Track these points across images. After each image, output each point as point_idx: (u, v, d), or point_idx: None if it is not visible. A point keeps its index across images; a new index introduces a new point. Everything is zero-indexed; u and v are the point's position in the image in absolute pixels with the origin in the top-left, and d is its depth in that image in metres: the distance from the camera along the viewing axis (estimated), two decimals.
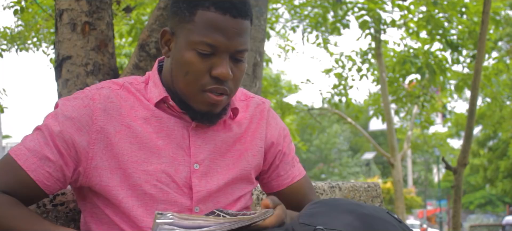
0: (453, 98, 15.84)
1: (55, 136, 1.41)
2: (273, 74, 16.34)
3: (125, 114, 1.47)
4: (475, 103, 6.01)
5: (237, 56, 1.44)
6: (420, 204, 35.02)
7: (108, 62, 3.48)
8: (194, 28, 1.41)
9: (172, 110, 1.50)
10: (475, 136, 27.35)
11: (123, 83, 1.52)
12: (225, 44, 1.41)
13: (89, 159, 1.43)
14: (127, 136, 1.45)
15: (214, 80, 1.43)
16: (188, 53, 1.42)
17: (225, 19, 1.40)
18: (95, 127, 1.44)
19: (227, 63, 1.42)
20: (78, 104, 1.45)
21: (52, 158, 1.41)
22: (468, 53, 9.21)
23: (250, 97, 1.67)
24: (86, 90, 1.49)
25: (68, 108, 1.45)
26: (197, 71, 1.42)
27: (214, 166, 1.52)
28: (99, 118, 1.44)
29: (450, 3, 8.16)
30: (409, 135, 14.29)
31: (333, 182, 2.26)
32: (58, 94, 3.44)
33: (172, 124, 1.49)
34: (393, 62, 10.33)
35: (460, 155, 6.12)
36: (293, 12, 10.82)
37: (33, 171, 1.39)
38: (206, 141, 1.52)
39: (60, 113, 1.44)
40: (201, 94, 1.44)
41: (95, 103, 1.45)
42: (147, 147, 1.46)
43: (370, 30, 9.10)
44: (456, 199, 6.14)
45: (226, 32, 1.40)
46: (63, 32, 3.42)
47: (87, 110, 1.44)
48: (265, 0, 4.12)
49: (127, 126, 1.46)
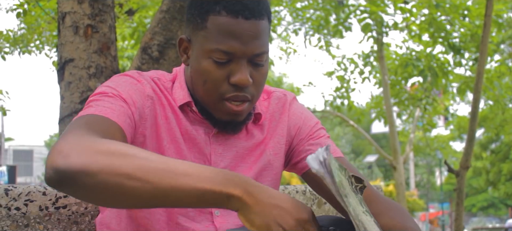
0: (456, 101, 15.81)
1: (121, 99, 1.33)
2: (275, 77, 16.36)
3: (158, 107, 1.44)
4: (478, 106, 6.00)
5: (255, 60, 1.37)
6: (422, 207, 34.94)
7: (111, 65, 3.49)
8: (207, 35, 1.35)
9: (195, 115, 1.46)
10: (478, 138, 27.32)
11: (152, 77, 1.47)
12: (241, 50, 1.34)
13: (141, 129, 1.38)
14: (162, 128, 1.42)
15: (234, 87, 1.37)
16: (205, 61, 1.36)
17: (238, 23, 1.33)
18: (147, 102, 1.40)
19: (245, 69, 1.35)
20: (127, 81, 1.40)
21: (130, 113, 1.32)
22: (470, 56, 9.20)
23: (271, 92, 1.61)
24: (127, 73, 1.44)
25: (118, 83, 1.38)
26: (215, 80, 1.36)
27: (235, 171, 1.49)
28: (148, 96, 1.41)
29: (452, 6, 8.16)
30: (411, 137, 14.27)
31: None
32: (61, 97, 3.45)
33: (195, 129, 1.46)
34: (395, 65, 10.33)
35: (462, 157, 6.11)
36: (295, 15, 10.82)
37: (124, 124, 1.29)
38: (227, 149, 1.48)
39: (115, 86, 1.37)
40: (221, 103, 1.39)
41: (142, 84, 1.42)
42: (173, 147, 1.43)
43: (372, 33, 9.10)
44: (458, 202, 6.13)
45: (240, 36, 1.33)
46: (65, 35, 3.42)
47: (136, 86, 1.40)
48: (267, 2, 4.12)
49: (164, 118, 1.43)
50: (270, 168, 1.54)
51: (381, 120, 12.30)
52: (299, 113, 1.59)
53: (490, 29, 6.24)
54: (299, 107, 1.61)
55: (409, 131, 15.24)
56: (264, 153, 1.53)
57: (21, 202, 1.58)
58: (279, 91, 1.62)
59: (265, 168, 1.53)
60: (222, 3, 1.34)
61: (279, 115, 1.57)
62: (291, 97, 1.62)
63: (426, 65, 8.86)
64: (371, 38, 9.32)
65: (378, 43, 10.46)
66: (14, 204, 1.57)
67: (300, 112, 1.60)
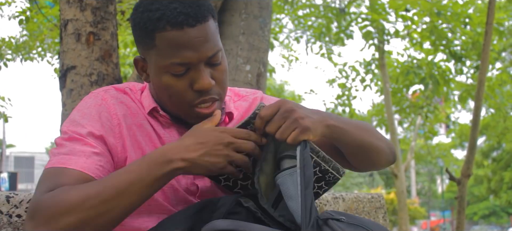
0: (457, 109, 15.82)
1: (87, 137, 1.38)
2: (276, 84, 16.37)
3: (130, 117, 1.47)
4: (479, 114, 6.00)
5: (211, 61, 1.40)
6: (423, 215, 34.88)
7: (112, 72, 3.49)
8: (159, 53, 1.38)
9: (165, 119, 1.50)
10: (479, 146, 27.29)
11: (124, 89, 1.52)
12: (195, 57, 1.36)
13: (119, 153, 1.42)
14: (132, 140, 1.45)
15: (198, 93, 1.40)
16: (164, 77, 1.40)
17: (185, 33, 1.35)
18: (115, 121, 1.44)
19: (204, 73, 1.39)
20: (92, 104, 1.45)
21: (98, 151, 1.37)
22: (471, 64, 9.21)
23: (242, 95, 1.66)
24: (93, 94, 1.49)
25: (84, 112, 1.43)
26: (178, 92, 1.40)
27: None
28: (115, 114, 1.44)
29: (453, 13, 8.16)
30: (413, 145, 14.27)
31: (336, 193, 2.26)
32: (62, 104, 3.45)
33: (168, 131, 1.49)
34: (397, 72, 10.33)
35: (464, 165, 6.10)
36: (297, 23, 10.83)
37: (89, 170, 1.34)
38: None
39: (79, 118, 1.42)
40: (191, 110, 1.43)
41: (107, 102, 1.45)
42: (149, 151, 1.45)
43: (373, 41, 9.11)
44: (460, 210, 6.13)
45: (191, 45, 1.35)
46: (67, 42, 3.43)
47: (103, 108, 1.44)
48: (269, 10, 4.14)
49: (131, 130, 1.46)
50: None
51: (382, 128, 12.30)
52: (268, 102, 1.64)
53: (492, 37, 6.25)
54: (269, 99, 1.67)
55: (410, 138, 15.25)
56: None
57: (22, 209, 1.58)
58: (250, 92, 1.68)
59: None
60: (164, 19, 1.35)
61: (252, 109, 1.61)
62: (260, 95, 1.67)
63: (428, 73, 8.86)
64: (373, 46, 9.33)
65: (379, 51, 10.46)
66: (15, 211, 1.57)
67: (268, 101, 1.64)
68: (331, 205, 2.20)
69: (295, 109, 1.36)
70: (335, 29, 9.90)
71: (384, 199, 2.43)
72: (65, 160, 1.34)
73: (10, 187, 23.66)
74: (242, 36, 3.96)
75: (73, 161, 1.34)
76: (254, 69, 3.96)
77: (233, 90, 1.67)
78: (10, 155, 37.56)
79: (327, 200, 2.19)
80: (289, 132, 1.34)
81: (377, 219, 2.37)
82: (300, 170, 1.28)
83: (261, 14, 4.04)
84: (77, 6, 3.42)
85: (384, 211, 2.40)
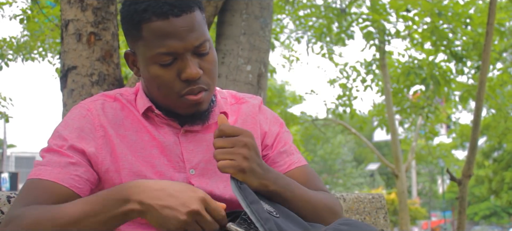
0: (458, 110, 15.81)
1: (65, 149, 1.41)
2: (277, 84, 16.37)
3: (120, 124, 1.48)
4: (480, 115, 6.00)
5: (198, 51, 1.42)
6: (424, 215, 34.86)
7: (113, 73, 3.49)
8: (146, 44, 1.40)
9: (160, 119, 1.50)
10: (480, 147, 27.26)
11: (115, 95, 1.53)
12: (181, 46, 1.38)
13: (99, 164, 1.44)
14: (125, 146, 1.46)
15: (186, 83, 1.41)
16: (152, 68, 1.41)
17: (171, 22, 1.37)
18: (99, 132, 1.45)
19: (191, 63, 1.40)
20: (76, 116, 1.47)
21: (74, 161, 1.40)
22: (472, 64, 9.20)
23: (240, 99, 1.66)
24: (80, 104, 1.51)
25: (67, 123, 1.46)
26: (166, 82, 1.41)
27: (212, 168, 1.51)
28: (99, 125, 1.46)
29: (454, 14, 8.16)
30: (414, 145, 14.26)
31: (337, 193, 2.26)
32: (63, 104, 3.46)
33: (163, 132, 1.50)
34: (398, 73, 10.32)
35: (464, 166, 6.10)
36: (298, 23, 10.84)
37: (63, 180, 1.37)
38: (197, 145, 1.51)
39: (61, 130, 1.45)
40: (180, 100, 1.44)
41: (92, 113, 1.47)
42: (142, 157, 1.46)
43: (374, 41, 9.10)
44: (460, 210, 6.13)
45: (176, 34, 1.37)
46: (68, 42, 3.43)
47: (86, 119, 1.46)
48: (270, 11, 4.14)
49: (123, 136, 1.47)
50: None
51: (383, 128, 12.30)
52: (265, 117, 1.65)
53: (492, 38, 6.25)
54: (266, 110, 1.68)
55: (411, 139, 15.23)
56: None
57: None
58: (247, 97, 1.67)
59: None
60: (150, 9, 1.38)
61: (252, 119, 1.62)
62: (258, 101, 1.67)
63: (428, 74, 8.86)
64: (373, 46, 9.33)
65: (380, 51, 10.46)
66: None
67: (266, 115, 1.65)
68: None
69: (247, 147, 1.36)
70: (336, 29, 9.90)
71: (385, 199, 2.43)
72: (41, 171, 1.39)
73: (11, 187, 23.65)
74: (243, 37, 3.96)
75: (48, 172, 1.38)
76: (255, 69, 3.96)
77: (231, 93, 1.67)
78: (11, 155, 37.58)
79: None
80: (224, 157, 1.35)
81: (378, 219, 2.36)
82: (240, 198, 1.31)
83: (262, 14, 4.04)
84: (78, 6, 3.42)
85: (385, 212, 2.40)
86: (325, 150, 41.69)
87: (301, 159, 1.63)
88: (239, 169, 1.34)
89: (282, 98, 14.42)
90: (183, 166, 1.48)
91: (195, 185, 1.47)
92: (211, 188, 1.49)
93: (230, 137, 1.36)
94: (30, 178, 1.39)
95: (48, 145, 1.44)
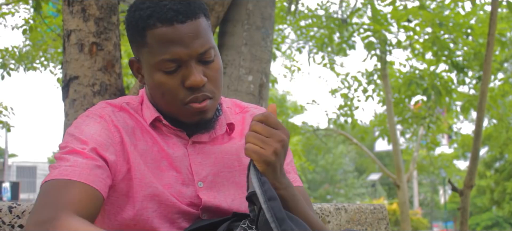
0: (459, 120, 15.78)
1: (88, 151, 1.35)
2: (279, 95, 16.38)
3: (131, 133, 1.46)
4: (481, 125, 6.00)
5: (203, 58, 1.40)
6: (426, 225, 34.74)
7: (115, 83, 3.50)
8: (150, 51, 1.38)
9: (168, 129, 1.48)
10: (482, 157, 27.22)
11: (121, 105, 1.50)
12: (185, 53, 1.36)
13: (117, 172, 1.41)
14: (138, 154, 1.44)
15: (190, 91, 1.39)
16: (156, 75, 1.39)
17: (175, 29, 1.35)
18: (116, 138, 1.42)
19: (195, 70, 1.38)
20: (90, 123, 1.42)
21: (100, 164, 1.35)
22: (474, 75, 9.20)
23: (245, 108, 1.64)
24: (89, 112, 1.46)
25: (82, 129, 1.41)
26: (171, 89, 1.40)
27: (219, 181, 1.49)
28: (115, 130, 1.43)
29: (455, 24, 8.17)
30: (415, 156, 14.24)
31: (339, 204, 2.26)
32: (65, 114, 3.46)
33: (171, 143, 1.48)
34: (399, 83, 10.33)
35: (466, 176, 6.09)
36: (299, 33, 10.85)
37: (94, 182, 1.31)
38: (205, 157, 1.49)
39: (77, 133, 1.39)
40: (185, 108, 1.42)
41: (105, 119, 1.44)
42: (152, 168, 1.44)
43: (375, 51, 9.11)
44: (462, 221, 6.11)
45: (180, 41, 1.36)
46: (70, 52, 3.44)
47: (101, 125, 1.42)
48: (271, 21, 4.15)
49: (135, 145, 1.45)
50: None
51: (384, 138, 12.29)
52: None
53: (494, 48, 6.26)
54: None
55: (412, 149, 15.21)
56: (246, 158, 1.52)
57: (25, 219, 1.58)
58: (252, 107, 1.65)
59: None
60: (154, 16, 1.36)
61: None
62: (262, 112, 1.63)
63: (430, 84, 8.85)
64: (375, 57, 9.34)
65: (381, 62, 10.47)
66: (17, 221, 1.57)
67: None
68: (333, 216, 2.20)
69: (282, 144, 1.33)
70: (337, 39, 9.91)
71: (386, 210, 2.43)
72: (69, 171, 1.30)
73: (12, 197, 23.66)
74: (244, 47, 3.97)
75: (77, 173, 1.30)
76: (256, 79, 3.97)
77: (235, 101, 1.66)
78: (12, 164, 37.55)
79: (329, 211, 2.19)
80: (255, 142, 1.32)
81: (380, 230, 2.36)
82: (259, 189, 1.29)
83: (264, 25, 4.06)
84: (80, 16, 3.43)
85: (386, 222, 2.40)
86: (327, 160, 41.64)
87: (297, 179, 1.61)
88: (265, 160, 1.31)
89: (283, 108, 14.43)
90: (192, 179, 1.46)
91: (203, 198, 1.46)
92: (219, 201, 1.47)
93: (269, 127, 1.33)
94: (55, 178, 1.30)
95: (67, 147, 1.36)
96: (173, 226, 1.44)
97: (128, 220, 1.43)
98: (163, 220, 1.43)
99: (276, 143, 1.32)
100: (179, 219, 1.44)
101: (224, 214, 1.47)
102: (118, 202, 1.43)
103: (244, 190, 1.50)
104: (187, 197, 1.45)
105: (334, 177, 42.92)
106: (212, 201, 1.46)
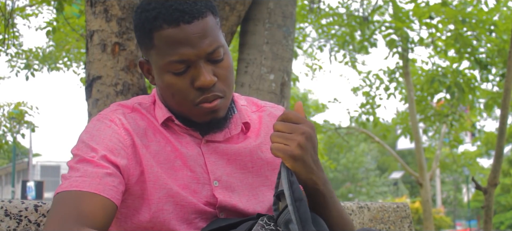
0: (483, 117, 15.65)
1: (98, 159, 1.35)
2: (300, 93, 16.36)
3: (143, 134, 1.45)
4: (505, 122, 5.93)
5: (212, 57, 1.38)
6: (449, 224, 34.46)
7: (137, 82, 3.52)
8: (158, 52, 1.37)
9: (180, 128, 1.47)
10: (506, 155, 26.92)
11: (132, 106, 1.49)
12: (193, 54, 1.34)
13: (130, 176, 1.40)
14: (151, 156, 1.43)
15: (201, 91, 1.38)
16: (165, 76, 1.38)
17: (182, 29, 1.33)
18: (127, 141, 1.41)
19: (205, 70, 1.36)
20: (101, 128, 1.41)
21: (111, 171, 1.34)
22: (497, 72, 9.11)
23: (261, 106, 1.62)
24: (100, 116, 1.45)
25: (92, 135, 1.40)
26: (181, 90, 1.38)
27: (234, 182, 1.48)
28: (126, 134, 1.42)
29: (478, 21, 8.08)
30: (438, 154, 14.13)
31: (361, 203, 2.25)
32: (88, 114, 3.49)
33: (185, 143, 1.46)
34: (421, 81, 10.27)
35: (490, 174, 6.03)
36: (321, 31, 10.82)
37: (104, 191, 1.30)
38: (219, 157, 1.48)
39: (88, 140, 1.39)
40: (196, 108, 1.40)
41: (116, 123, 1.43)
42: (166, 168, 1.43)
43: (397, 49, 9.06)
44: (486, 219, 6.05)
45: (188, 41, 1.34)
46: (93, 52, 3.47)
47: (112, 130, 1.41)
48: (293, 19, 4.14)
49: (147, 146, 1.44)
50: (271, 167, 1.54)
51: (407, 136, 12.23)
52: None
53: None
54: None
55: (435, 147, 15.10)
56: (266, 167, 1.52)
57: None
58: (270, 106, 1.63)
59: (266, 168, 1.53)
60: (160, 17, 1.35)
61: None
62: (281, 111, 1.63)
63: (453, 81, 8.78)
64: (397, 54, 9.28)
65: (403, 59, 10.40)
66: (43, 220, 1.59)
67: None
68: (356, 214, 2.19)
69: (305, 136, 1.31)
70: (359, 37, 9.86)
71: (409, 208, 2.41)
72: (79, 182, 1.30)
73: (36, 196, 23.94)
74: (266, 46, 3.97)
75: (87, 183, 1.30)
76: (278, 78, 3.97)
77: (251, 99, 1.64)
78: (37, 164, 38.01)
79: (352, 209, 2.18)
80: (279, 140, 1.31)
81: (403, 229, 2.35)
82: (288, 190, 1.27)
83: (285, 23, 4.05)
84: (103, 17, 3.46)
85: (409, 221, 2.39)
86: (348, 158, 41.49)
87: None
88: (290, 154, 1.29)
89: (305, 107, 14.40)
90: (207, 178, 1.45)
91: (219, 198, 1.44)
92: (235, 201, 1.46)
93: (291, 123, 1.33)
94: (65, 189, 1.30)
95: (78, 155, 1.36)
96: (191, 226, 1.43)
97: (145, 222, 1.42)
98: (181, 221, 1.42)
99: (299, 136, 1.30)
100: (196, 219, 1.43)
101: (240, 214, 1.46)
102: (134, 204, 1.43)
103: (257, 192, 1.50)
104: (203, 196, 1.44)
105: (355, 175, 42.76)
106: (228, 201, 1.45)
